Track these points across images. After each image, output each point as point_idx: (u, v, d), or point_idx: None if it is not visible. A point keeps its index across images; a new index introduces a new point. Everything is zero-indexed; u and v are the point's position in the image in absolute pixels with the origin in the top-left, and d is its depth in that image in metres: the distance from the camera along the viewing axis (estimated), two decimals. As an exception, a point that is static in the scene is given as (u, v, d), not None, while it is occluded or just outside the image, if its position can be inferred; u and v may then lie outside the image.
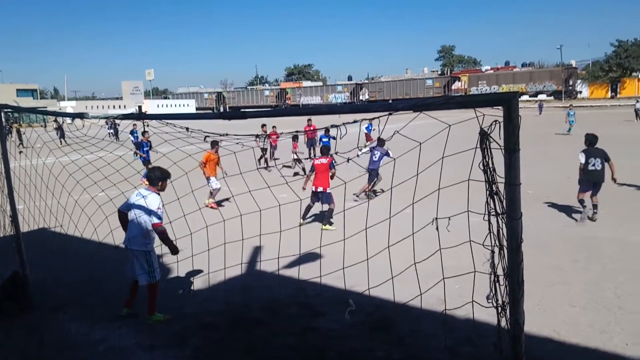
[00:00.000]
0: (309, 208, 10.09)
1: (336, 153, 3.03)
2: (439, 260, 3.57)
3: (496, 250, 2.63)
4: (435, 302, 5.44)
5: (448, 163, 3.05)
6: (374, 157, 12.57)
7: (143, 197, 5.53)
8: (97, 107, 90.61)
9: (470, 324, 4.71)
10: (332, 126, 2.87)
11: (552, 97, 71.75)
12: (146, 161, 16.69)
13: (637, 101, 42.25)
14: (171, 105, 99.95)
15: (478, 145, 2.55)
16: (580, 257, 7.68)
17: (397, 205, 3.58)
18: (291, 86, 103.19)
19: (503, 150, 2.43)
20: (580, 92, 79.37)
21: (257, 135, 3.74)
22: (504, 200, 2.48)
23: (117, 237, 6.61)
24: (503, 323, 2.79)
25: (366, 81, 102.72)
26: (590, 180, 9.72)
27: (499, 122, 2.45)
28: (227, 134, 3.70)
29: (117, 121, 22.94)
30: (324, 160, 9.96)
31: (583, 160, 9.72)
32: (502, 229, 2.57)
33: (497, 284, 2.62)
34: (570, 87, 75.65)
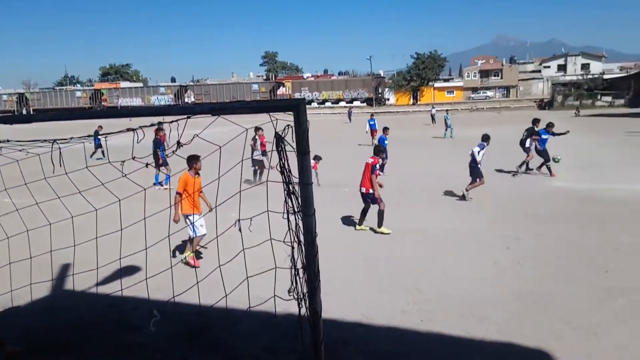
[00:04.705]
0: (364, 211, 9.69)
1: (133, 158, 2.87)
2: (262, 261, 3.68)
3: (295, 245, 2.80)
4: (257, 301, 5.54)
5: (249, 166, 3.15)
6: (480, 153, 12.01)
7: None
8: None
9: (290, 320, 4.90)
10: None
11: (365, 104, 78.64)
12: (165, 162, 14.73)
13: (433, 107, 48.93)
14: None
15: (274, 148, 2.69)
16: (381, 248, 8.58)
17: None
18: (107, 87, 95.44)
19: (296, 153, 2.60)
20: (389, 99, 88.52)
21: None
22: (299, 199, 2.66)
23: None
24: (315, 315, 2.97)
25: (191, 83, 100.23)
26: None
27: (291, 127, 2.61)
28: (8, 140, 3.28)
29: None
30: (369, 160, 9.55)
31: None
32: (299, 225, 2.75)
33: (297, 277, 2.79)
34: (380, 95, 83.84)
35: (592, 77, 67.77)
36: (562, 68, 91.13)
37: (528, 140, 15.40)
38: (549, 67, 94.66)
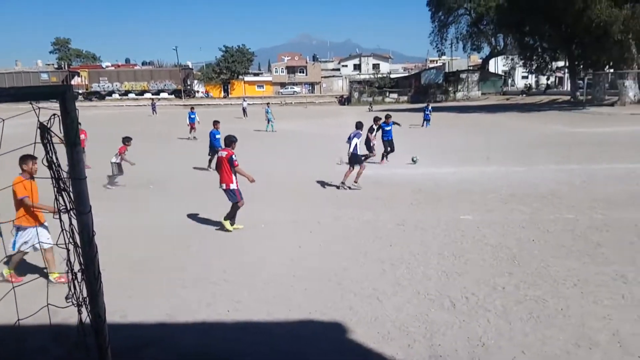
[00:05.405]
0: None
1: None
2: (37, 269, 3.26)
3: (71, 247, 2.57)
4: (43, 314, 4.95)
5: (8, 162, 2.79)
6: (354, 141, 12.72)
7: None
8: None
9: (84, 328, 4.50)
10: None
11: (173, 96, 75.75)
12: None
13: (244, 100, 49.47)
14: None
15: (39, 141, 2.42)
16: (189, 244, 8.45)
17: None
18: None
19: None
20: (199, 91, 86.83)
21: None
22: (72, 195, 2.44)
23: None
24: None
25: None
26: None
27: (58, 116, 2.38)
28: None
29: None
30: (223, 153, 9.03)
31: None
32: (74, 225, 2.52)
33: (75, 282, 2.57)
34: (189, 87, 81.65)
35: (382, 76, 76.16)
36: (357, 67, 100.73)
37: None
38: (346, 66, 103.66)
